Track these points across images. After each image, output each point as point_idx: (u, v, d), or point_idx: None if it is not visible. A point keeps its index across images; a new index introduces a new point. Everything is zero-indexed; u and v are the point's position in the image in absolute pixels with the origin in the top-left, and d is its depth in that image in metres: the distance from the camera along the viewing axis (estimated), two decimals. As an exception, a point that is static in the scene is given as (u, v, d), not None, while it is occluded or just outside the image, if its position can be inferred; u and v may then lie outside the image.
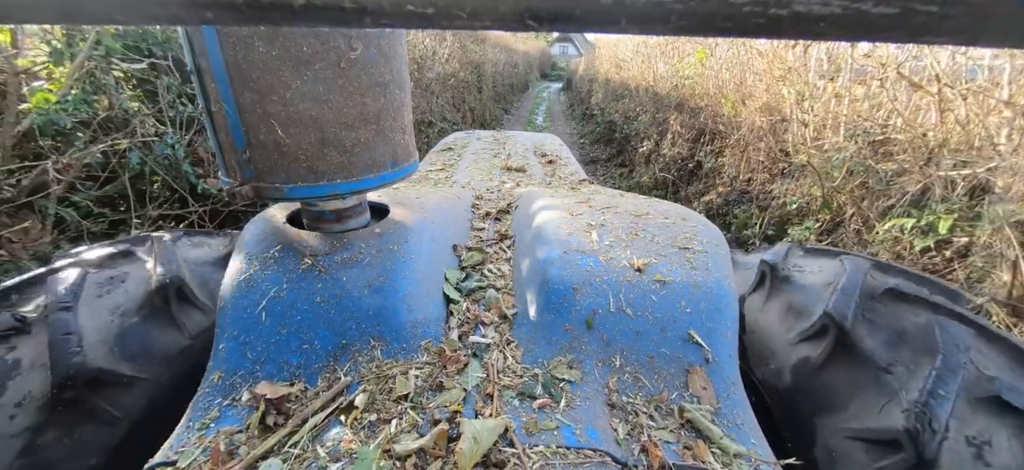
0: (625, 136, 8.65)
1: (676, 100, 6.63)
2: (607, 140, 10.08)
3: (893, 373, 1.08)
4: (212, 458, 0.93)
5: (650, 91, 8.14)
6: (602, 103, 12.01)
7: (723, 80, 5.40)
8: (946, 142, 2.63)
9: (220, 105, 1.12)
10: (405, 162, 1.41)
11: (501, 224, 1.86)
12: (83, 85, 2.80)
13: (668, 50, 7.73)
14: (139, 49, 3.09)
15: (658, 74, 7.92)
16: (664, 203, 1.77)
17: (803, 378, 1.23)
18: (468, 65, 11.41)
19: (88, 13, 0.26)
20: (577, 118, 14.65)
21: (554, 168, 2.98)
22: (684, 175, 5.92)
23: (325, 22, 0.26)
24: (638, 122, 8.00)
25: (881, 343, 1.14)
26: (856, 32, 0.24)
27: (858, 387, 1.12)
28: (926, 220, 2.45)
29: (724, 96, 5.15)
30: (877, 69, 3.08)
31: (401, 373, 1.09)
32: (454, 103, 9.60)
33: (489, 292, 1.40)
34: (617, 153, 8.91)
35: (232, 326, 1.18)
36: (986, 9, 0.22)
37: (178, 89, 3.18)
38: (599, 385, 1.10)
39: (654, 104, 7.68)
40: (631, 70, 10.16)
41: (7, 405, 1.00)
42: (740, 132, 4.63)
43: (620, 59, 11.74)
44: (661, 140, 6.65)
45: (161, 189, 3.08)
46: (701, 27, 0.25)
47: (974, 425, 0.95)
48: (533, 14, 0.25)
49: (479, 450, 0.85)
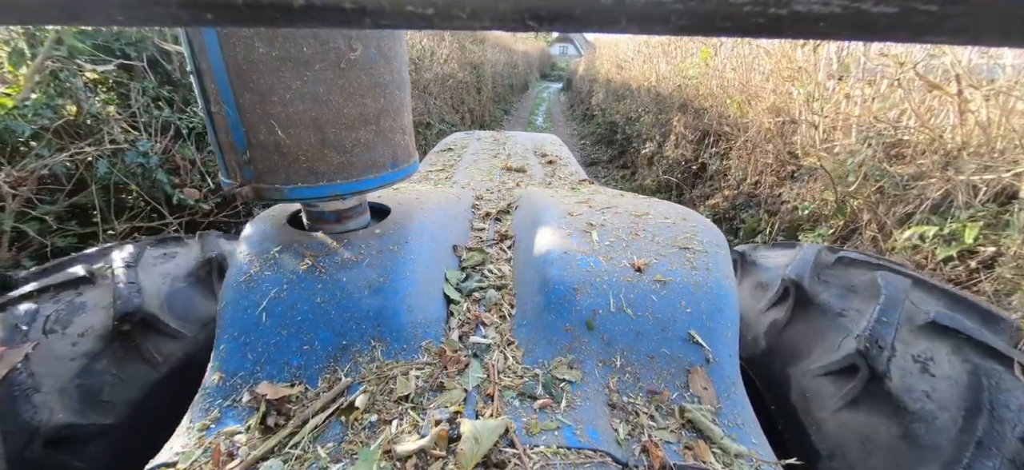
0: (627, 137, 8.50)
1: (679, 101, 6.45)
2: (608, 141, 9.92)
3: (846, 316, 1.26)
4: (213, 459, 0.93)
5: (652, 92, 7.96)
6: (603, 104, 11.81)
7: (728, 80, 5.28)
8: (966, 145, 2.48)
9: (220, 106, 1.12)
10: (405, 163, 1.41)
11: (501, 224, 1.86)
12: (46, 88, 2.54)
13: (671, 50, 7.57)
14: (110, 49, 2.81)
15: (661, 74, 7.73)
16: (664, 203, 1.77)
17: (774, 338, 1.42)
18: (467, 66, 11.26)
19: (88, 14, 0.26)
20: (577, 119, 14.49)
21: (554, 168, 2.98)
22: (688, 177, 5.79)
23: (325, 23, 0.26)
24: (640, 123, 7.84)
25: (834, 296, 1.33)
26: (856, 32, 0.24)
27: (818, 334, 1.30)
28: (949, 228, 2.27)
29: (729, 97, 5.00)
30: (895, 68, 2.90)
31: (402, 374, 1.09)
32: (453, 104, 9.48)
33: (489, 292, 1.40)
34: (619, 154, 8.78)
35: (232, 326, 1.19)
36: (986, 8, 0.22)
37: (154, 91, 2.94)
38: (599, 385, 1.10)
39: (656, 105, 7.52)
40: (632, 70, 9.96)
41: (72, 334, 1.20)
42: (747, 134, 4.48)
43: (621, 59, 11.52)
44: (664, 142, 6.50)
45: (136, 200, 2.81)
46: (701, 27, 0.25)
47: (917, 347, 1.12)
48: (533, 14, 0.25)
49: (480, 450, 0.85)
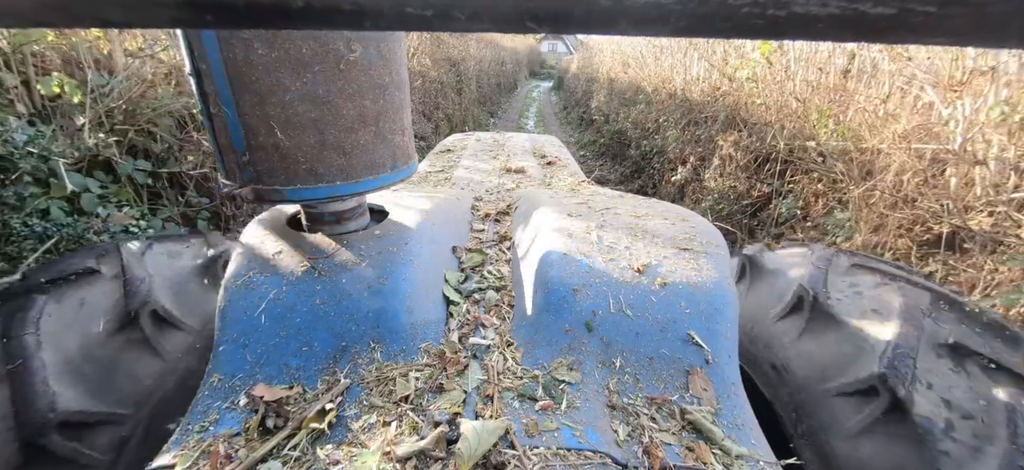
0: (644, 155, 6.83)
1: (724, 112, 4.83)
2: (618, 155, 8.19)
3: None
4: (211, 461, 0.93)
5: (678, 97, 6.32)
6: (606, 108, 10.40)
7: (806, 84, 3.71)
8: None
9: (219, 107, 1.12)
10: (404, 164, 1.41)
11: (501, 225, 1.86)
12: None
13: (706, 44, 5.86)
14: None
15: (691, 76, 6.14)
16: (664, 204, 1.77)
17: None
18: (443, 62, 9.73)
19: (86, 16, 0.26)
20: (574, 123, 13.23)
21: (553, 169, 2.98)
22: (741, 215, 4.18)
23: (324, 25, 0.26)
24: (664, 137, 6.21)
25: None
26: (854, 33, 0.24)
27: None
28: None
29: (818, 112, 3.43)
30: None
31: (401, 375, 1.09)
32: (423, 110, 7.81)
33: (489, 293, 1.40)
34: (634, 174, 7.05)
35: (231, 328, 1.18)
36: (984, 9, 0.22)
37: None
38: (599, 386, 1.10)
39: (685, 115, 5.97)
40: (645, 69, 8.34)
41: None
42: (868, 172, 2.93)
43: (629, 56, 9.93)
44: (703, 165, 4.95)
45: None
46: (700, 28, 0.25)
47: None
48: (533, 15, 0.25)
49: (479, 452, 0.85)
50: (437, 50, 9.48)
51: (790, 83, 3.90)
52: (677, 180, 5.26)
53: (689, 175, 5.16)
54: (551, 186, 2.50)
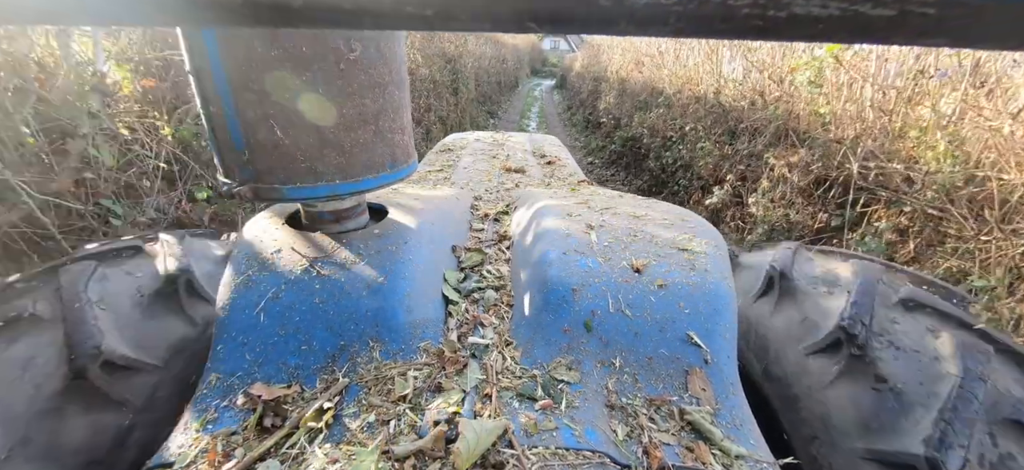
0: (665, 168, 5.84)
1: (776, 123, 3.85)
2: (632, 165, 7.24)
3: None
4: (209, 460, 0.92)
5: (707, 103, 5.28)
6: (615, 110, 9.37)
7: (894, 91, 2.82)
8: None
9: (218, 106, 1.12)
10: (404, 163, 1.41)
11: (500, 225, 1.86)
12: None
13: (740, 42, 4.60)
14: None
15: (725, 78, 5.11)
16: (663, 204, 1.77)
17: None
18: (437, 59, 8.77)
19: (86, 14, 0.26)
20: (579, 126, 12.12)
21: (553, 169, 2.98)
22: None
23: (324, 23, 0.26)
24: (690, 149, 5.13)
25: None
26: (854, 34, 0.25)
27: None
28: None
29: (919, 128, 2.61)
30: None
31: (400, 374, 1.09)
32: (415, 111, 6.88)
33: (488, 293, 1.40)
34: (653, 188, 6.09)
35: (230, 327, 1.18)
36: (983, 10, 0.22)
37: None
38: (598, 386, 1.10)
39: (715, 121, 5.01)
40: (664, 68, 7.15)
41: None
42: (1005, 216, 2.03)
43: (644, 53, 8.67)
44: (746, 186, 4.01)
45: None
46: (700, 29, 0.25)
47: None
48: (533, 16, 0.25)
49: (477, 451, 0.85)
50: (429, 45, 8.47)
51: (868, 89, 3.02)
52: (712, 203, 4.21)
53: (728, 197, 4.14)
54: (551, 186, 2.50)
